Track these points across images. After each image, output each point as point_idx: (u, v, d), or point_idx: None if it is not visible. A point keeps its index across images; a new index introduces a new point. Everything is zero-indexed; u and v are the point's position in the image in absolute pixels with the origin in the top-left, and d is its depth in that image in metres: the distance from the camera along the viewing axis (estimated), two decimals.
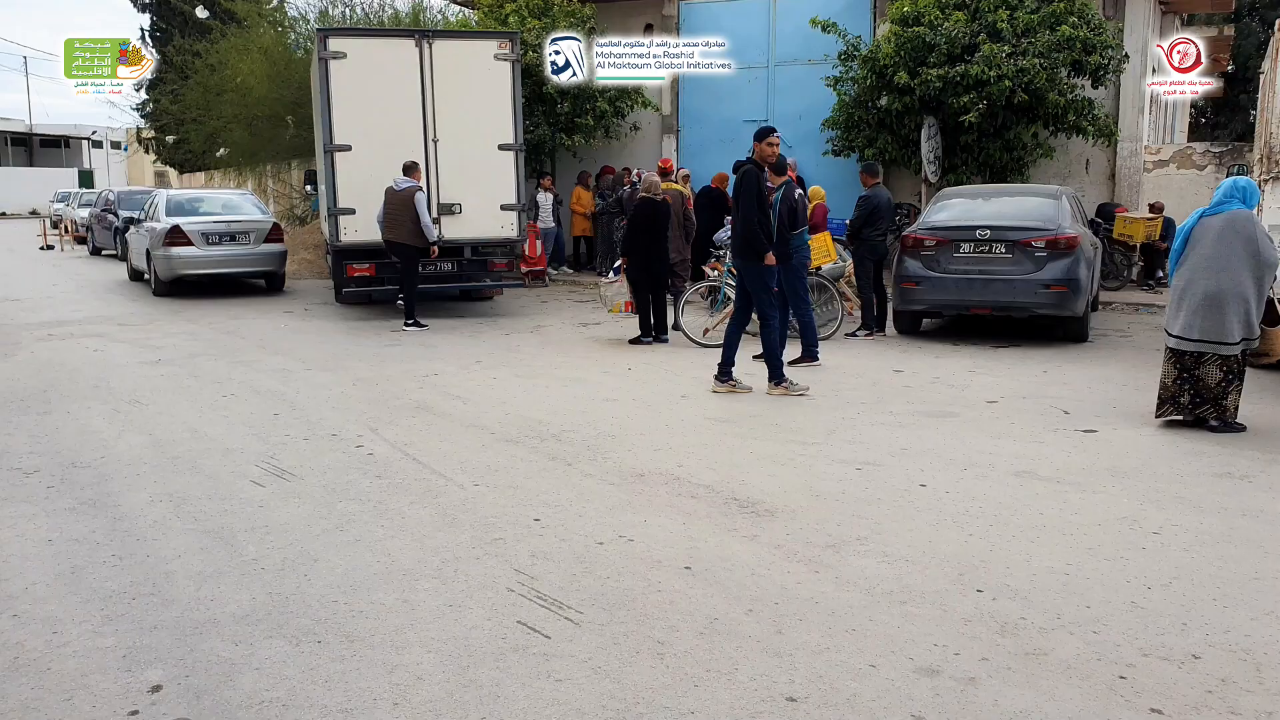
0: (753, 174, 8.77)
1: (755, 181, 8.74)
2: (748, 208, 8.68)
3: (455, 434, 7.34)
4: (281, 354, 10.98)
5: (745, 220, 8.71)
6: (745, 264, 8.84)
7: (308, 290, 17.56)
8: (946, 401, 8.55)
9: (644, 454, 6.79)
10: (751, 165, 8.83)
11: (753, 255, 8.75)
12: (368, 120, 13.34)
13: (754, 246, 8.72)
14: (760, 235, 8.69)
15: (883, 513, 5.60)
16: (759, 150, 8.88)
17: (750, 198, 8.69)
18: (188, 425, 7.66)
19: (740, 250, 8.85)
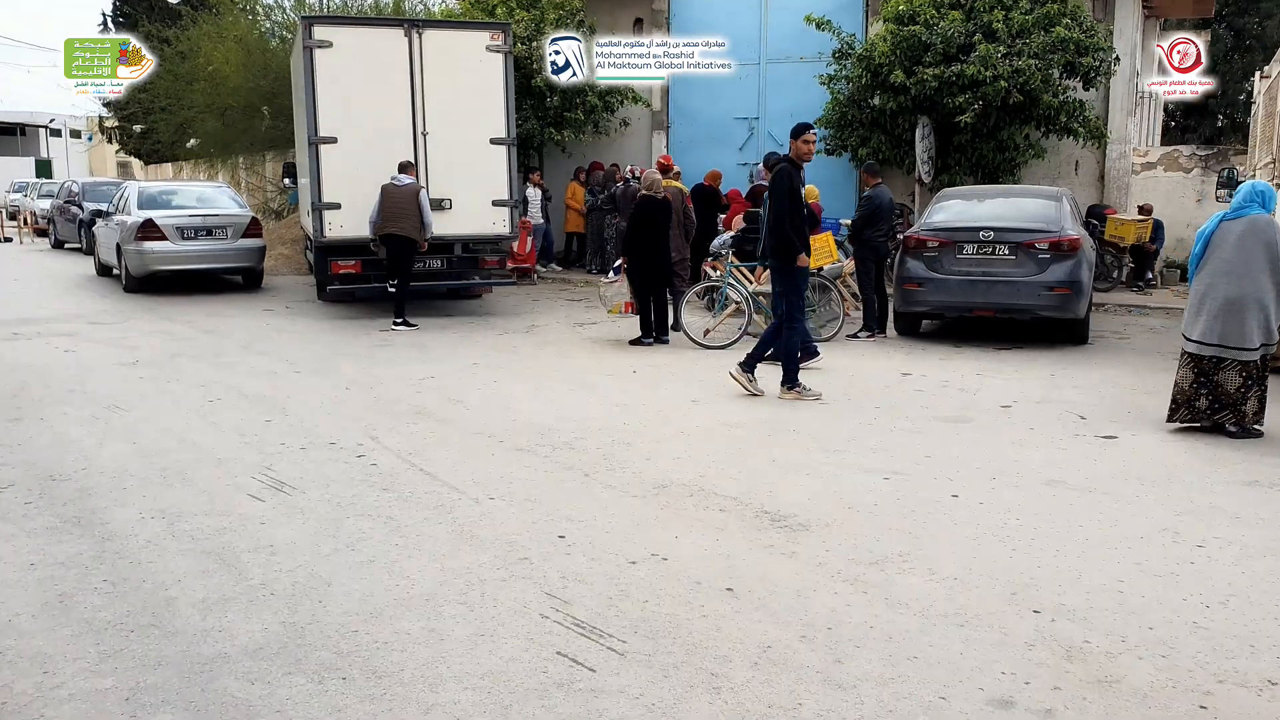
0: (787, 172, 8.55)
1: (790, 180, 8.50)
2: (780, 207, 8.46)
3: (461, 442, 7.02)
4: (266, 355, 10.60)
5: (778, 220, 8.47)
6: (778, 264, 8.58)
7: (287, 287, 17.14)
8: (960, 406, 8.32)
9: (663, 463, 6.49)
10: (787, 163, 8.60)
11: (785, 255, 8.49)
12: (354, 112, 12.96)
13: (786, 247, 8.44)
14: (793, 236, 8.45)
15: (919, 526, 5.34)
16: (795, 148, 8.66)
17: (784, 197, 8.47)
18: (174, 433, 7.29)
19: (772, 250, 8.61)
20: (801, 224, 8.59)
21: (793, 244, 8.48)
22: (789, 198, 8.48)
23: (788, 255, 8.51)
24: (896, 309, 12.01)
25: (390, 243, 12.40)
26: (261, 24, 24.76)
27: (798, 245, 8.49)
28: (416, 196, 12.36)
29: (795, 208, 8.50)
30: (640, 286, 11.32)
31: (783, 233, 8.48)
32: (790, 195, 8.49)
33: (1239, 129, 35.03)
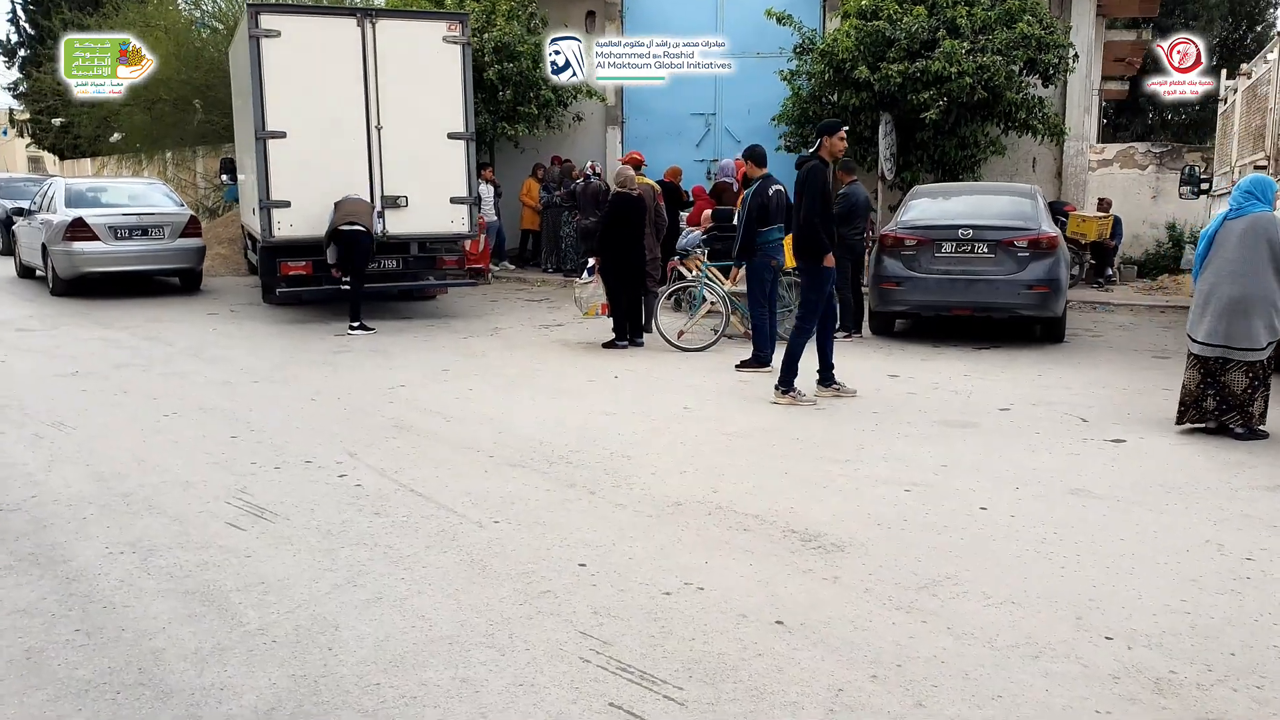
0: (819, 170, 8.27)
1: (822, 179, 8.24)
2: (813, 206, 8.17)
3: (449, 458, 6.54)
4: (218, 363, 10.00)
5: (809, 219, 8.18)
6: (806, 264, 8.28)
7: (227, 289, 16.42)
8: (958, 410, 8.03)
9: (670, 478, 6.09)
10: (818, 161, 8.30)
11: (815, 255, 8.22)
12: (304, 105, 12.35)
13: (816, 246, 8.18)
14: (822, 235, 8.17)
15: (957, 543, 5.00)
16: (828, 145, 8.34)
17: (816, 196, 8.18)
18: (131, 452, 6.72)
19: (802, 250, 8.29)
20: (831, 223, 8.36)
21: (823, 243, 8.21)
22: (821, 197, 8.22)
23: (817, 254, 8.23)
24: (873, 308, 11.74)
25: (347, 238, 11.85)
26: (192, 12, 23.87)
27: (827, 245, 8.23)
28: (370, 208, 12.03)
29: (826, 206, 8.28)
30: (615, 287, 10.90)
31: (814, 231, 8.20)
32: (823, 194, 8.24)
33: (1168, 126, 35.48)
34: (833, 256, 8.31)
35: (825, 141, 8.32)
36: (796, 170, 8.55)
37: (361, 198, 12.27)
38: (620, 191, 11.00)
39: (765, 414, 7.86)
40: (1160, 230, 17.45)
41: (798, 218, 8.36)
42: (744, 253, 9.64)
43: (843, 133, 8.42)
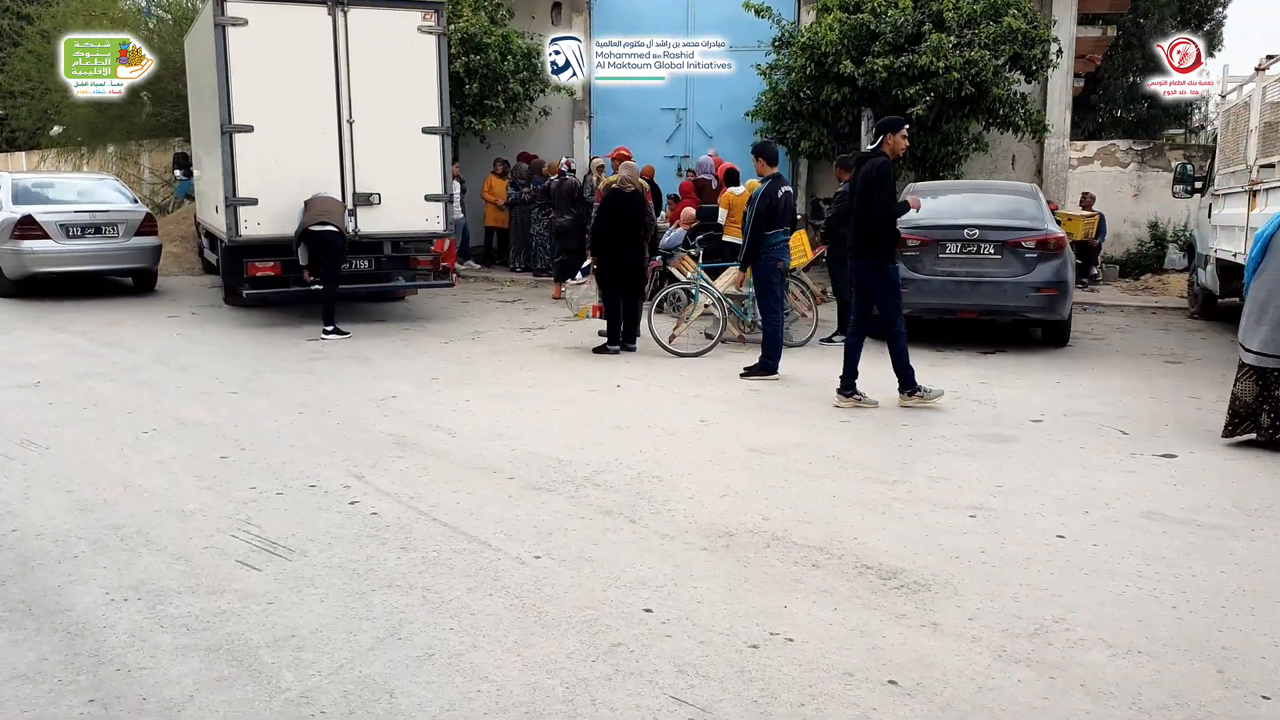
0: (888, 167, 7.91)
1: (890, 176, 7.90)
2: (888, 205, 7.87)
3: (465, 481, 6.02)
4: (190, 371, 9.36)
5: (883, 216, 7.86)
6: (869, 264, 7.95)
7: (182, 289, 15.68)
8: (989, 422, 7.64)
9: (711, 502, 5.62)
10: (884, 158, 7.92)
11: (881, 254, 7.90)
12: (272, 97, 11.71)
13: (884, 245, 7.88)
14: (892, 236, 7.91)
15: (1049, 579, 4.59)
16: (891, 142, 7.96)
17: (888, 193, 7.84)
18: (113, 476, 6.11)
19: (865, 248, 7.95)
20: (895, 223, 8.04)
21: (890, 243, 7.94)
22: (892, 196, 7.91)
23: (891, 255, 7.97)
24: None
25: (318, 239, 11.24)
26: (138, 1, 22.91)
27: (894, 244, 8.01)
28: (342, 206, 11.41)
29: (891, 206, 7.95)
30: (611, 288, 10.40)
31: (892, 231, 7.95)
32: (891, 193, 7.91)
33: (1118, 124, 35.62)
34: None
35: (888, 138, 7.94)
36: (856, 168, 8.21)
37: (333, 196, 11.67)
38: (615, 189, 10.51)
39: (787, 427, 7.41)
40: (1142, 229, 17.29)
41: (867, 216, 7.94)
42: (751, 257, 9.21)
43: (905, 130, 8.06)
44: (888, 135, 7.93)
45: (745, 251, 9.29)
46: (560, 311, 13.77)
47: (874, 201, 7.84)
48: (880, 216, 7.86)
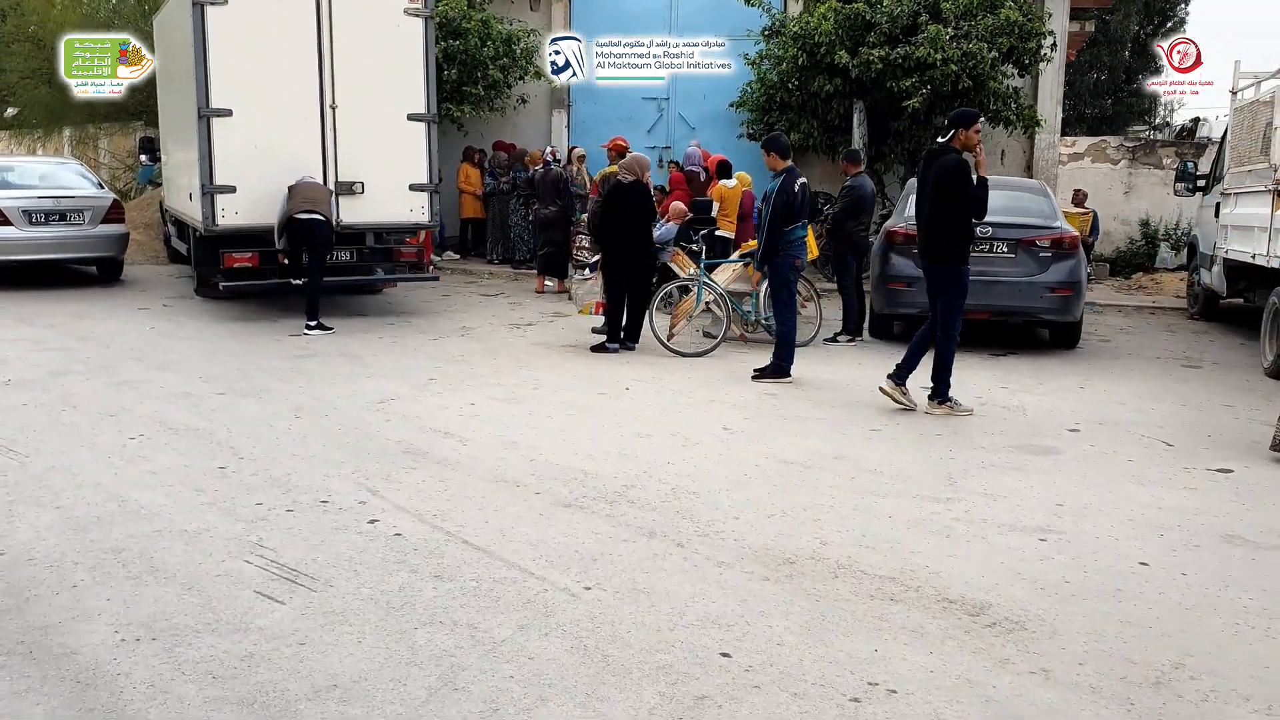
0: (965, 165, 7.50)
1: (969, 173, 7.49)
2: (966, 205, 7.50)
3: (488, 496, 5.58)
4: (170, 370, 8.82)
5: (965, 220, 7.53)
6: (946, 268, 7.60)
7: (149, 279, 15.03)
8: (1026, 432, 7.32)
9: (759, 523, 5.22)
10: (958, 154, 7.53)
11: (958, 258, 7.56)
12: (253, 81, 11.15)
13: (963, 248, 7.56)
14: (969, 236, 7.58)
15: (1148, 614, 4.25)
16: (963, 137, 7.56)
17: (968, 194, 7.46)
18: (105, 489, 5.61)
19: (942, 253, 7.61)
20: (970, 223, 7.68)
21: (967, 246, 7.62)
22: (972, 195, 7.51)
23: (964, 258, 7.61)
24: (878, 310, 11.01)
25: (302, 228, 10.72)
26: None
27: (969, 244, 7.66)
28: (330, 193, 10.89)
29: (965, 204, 7.55)
30: (616, 282, 9.97)
31: (968, 234, 7.62)
32: (971, 193, 7.50)
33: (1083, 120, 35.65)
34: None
35: (960, 133, 7.55)
36: (923, 162, 7.87)
37: (319, 182, 11.13)
38: (619, 180, 10.10)
39: (816, 437, 7.04)
40: (1132, 227, 17.11)
41: (943, 217, 7.58)
42: (769, 255, 8.82)
43: (979, 125, 7.72)
44: (960, 130, 7.51)
45: (763, 250, 8.90)
46: (547, 306, 13.36)
47: (952, 202, 7.47)
48: (958, 222, 7.50)
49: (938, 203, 7.56)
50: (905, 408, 7.72)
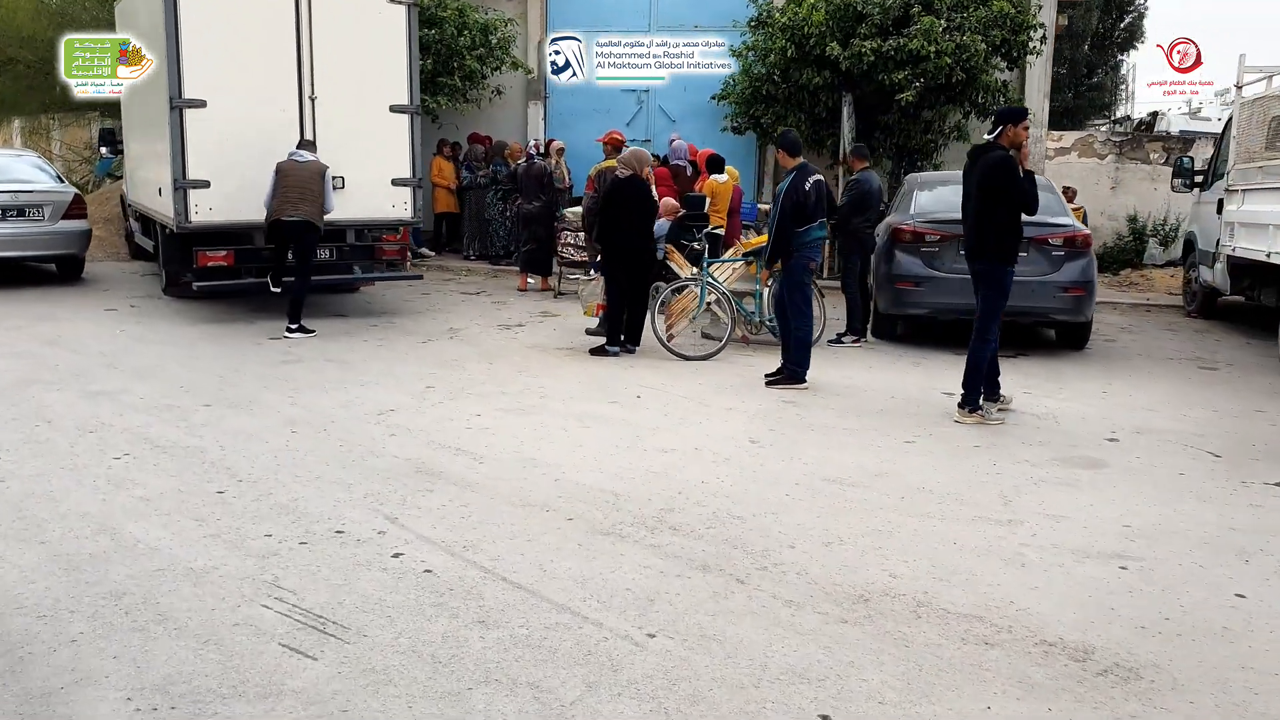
0: (1013, 162, 7.20)
1: (1017, 171, 7.19)
2: (1013, 203, 7.20)
3: (517, 522, 5.14)
4: (148, 378, 8.28)
5: (1012, 218, 7.24)
6: (993, 267, 7.32)
7: (111, 277, 14.38)
8: (1063, 441, 6.98)
9: (817, 554, 4.82)
10: (1004, 151, 7.22)
11: (1005, 257, 7.28)
12: (228, 70, 10.58)
13: (1010, 248, 7.26)
14: (1017, 235, 7.32)
15: (1273, 661, 3.88)
16: (1012, 134, 7.25)
17: (1019, 190, 7.20)
18: (93, 519, 5.10)
19: (989, 252, 7.33)
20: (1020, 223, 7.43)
21: (1015, 246, 7.34)
22: (1023, 192, 7.22)
23: (1011, 257, 7.34)
24: (884, 310, 10.64)
25: (287, 230, 10.18)
26: None
27: (1016, 247, 7.38)
28: (321, 176, 10.22)
29: (1012, 203, 7.26)
30: (617, 281, 9.53)
31: (1016, 232, 7.35)
32: (1022, 190, 7.22)
33: None
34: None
35: (1008, 129, 7.24)
36: (970, 161, 7.50)
37: (310, 161, 10.35)
38: (619, 175, 9.66)
39: (849, 450, 6.66)
40: (1120, 222, 16.89)
41: (991, 216, 7.28)
42: (778, 255, 8.43)
43: (1027, 121, 7.44)
44: (1008, 126, 7.23)
45: (770, 250, 8.52)
46: (533, 305, 12.92)
47: (998, 199, 7.18)
48: (1005, 220, 7.21)
49: (984, 200, 7.24)
50: (1007, 413, 7.57)
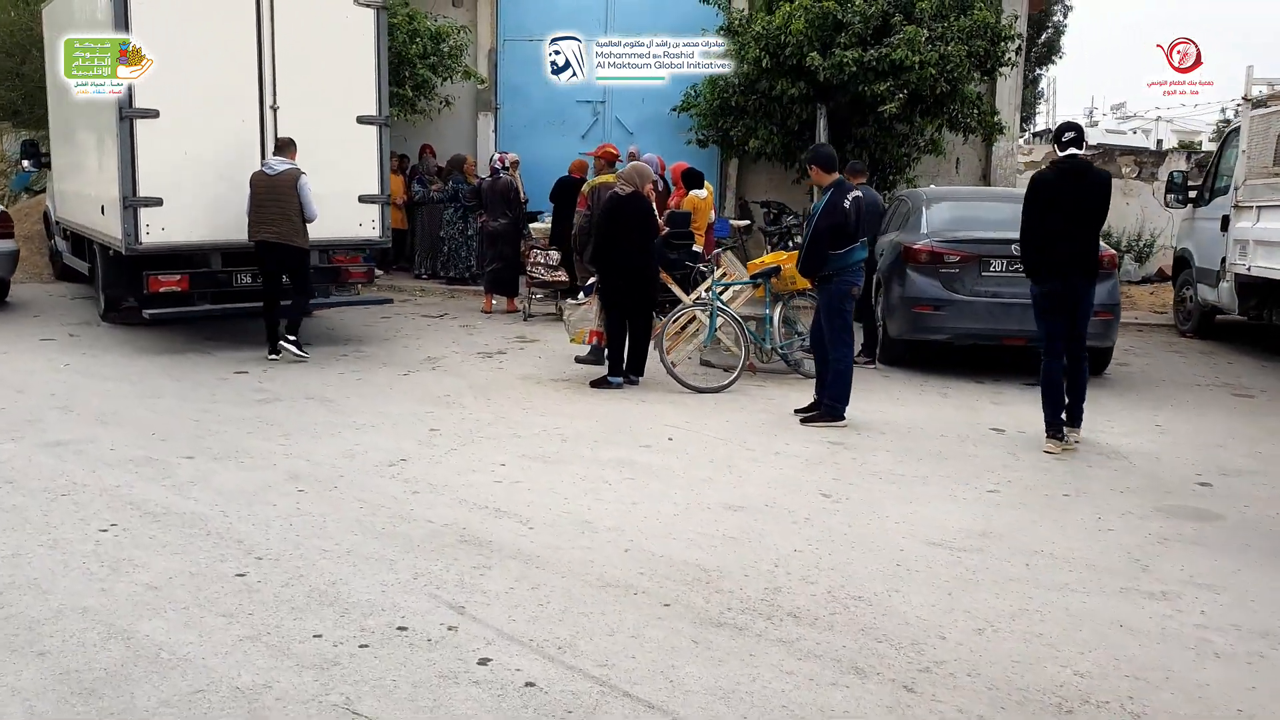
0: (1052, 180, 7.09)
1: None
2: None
3: (606, 609, 4.38)
4: (112, 423, 7.32)
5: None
6: (1091, 283, 7.30)
7: (40, 302, 13.17)
8: (1154, 488, 6.42)
9: (977, 646, 4.15)
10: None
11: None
12: (183, 78, 9.61)
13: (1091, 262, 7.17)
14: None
15: None
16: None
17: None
18: (97, 617, 4.21)
19: (1089, 266, 7.19)
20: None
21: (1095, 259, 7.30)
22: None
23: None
24: (900, 335, 10.03)
25: (262, 251, 9.34)
26: None
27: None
28: (295, 185, 9.33)
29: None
30: (618, 305, 8.81)
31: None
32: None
33: None
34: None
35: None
36: (1058, 176, 7.16)
37: (285, 171, 9.43)
38: (616, 192, 8.96)
39: (934, 503, 6.01)
40: None
41: (1095, 233, 7.22)
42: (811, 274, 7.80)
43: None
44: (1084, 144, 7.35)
45: (804, 268, 7.88)
46: (504, 328, 12.14)
47: (1102, 218, 7.17)
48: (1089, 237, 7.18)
49: (1097, 219, 7.08)
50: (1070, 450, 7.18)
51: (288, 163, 9.36)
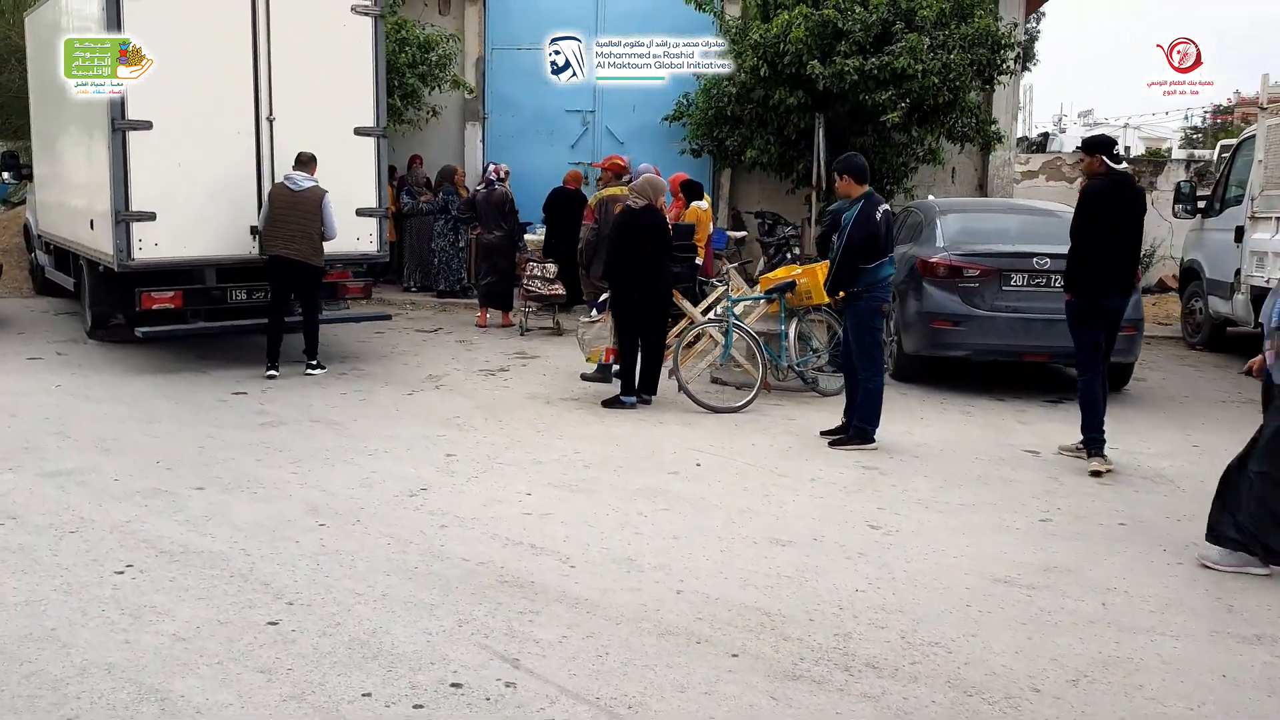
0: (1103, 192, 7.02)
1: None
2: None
3: (670, 660, 4.10)
4: (114, 451, 6.97)
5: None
6: (1127, 300, 7.34)
7: (22, 318, 12.74)
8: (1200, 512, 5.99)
9: (1074, 700, 3.90)
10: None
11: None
12: (177, 88, 9.29)
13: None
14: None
15: None
16: (1099, 164, 7.08)
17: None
18: (124, 675, 3.89)
19: (1129, 281, 7.27)
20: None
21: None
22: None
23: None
24: (916, 351, 9.80)
25: (274, 265, 9.07)
26: None
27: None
28: (320, 204, 9.09)
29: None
30: (630, 327, 8.54)
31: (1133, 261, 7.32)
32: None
33: None
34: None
35: (1097, 158, 7.10)
36: (1104, 190, 7.04)
37: (309, 188, 9.27)
38: (629, 206, 8.71)
39: (988, 534, 5.77)
40: None
41: (1137, 248, 7.27)
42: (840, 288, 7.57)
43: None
44: (1098, 155, 7.11)
45: (833, 283, 7.64)
46: (503, 344, 11.85)
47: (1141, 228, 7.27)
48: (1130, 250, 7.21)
49: (1138, 231, 7.21)
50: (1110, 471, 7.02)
51: (311, 179, 9.15)
